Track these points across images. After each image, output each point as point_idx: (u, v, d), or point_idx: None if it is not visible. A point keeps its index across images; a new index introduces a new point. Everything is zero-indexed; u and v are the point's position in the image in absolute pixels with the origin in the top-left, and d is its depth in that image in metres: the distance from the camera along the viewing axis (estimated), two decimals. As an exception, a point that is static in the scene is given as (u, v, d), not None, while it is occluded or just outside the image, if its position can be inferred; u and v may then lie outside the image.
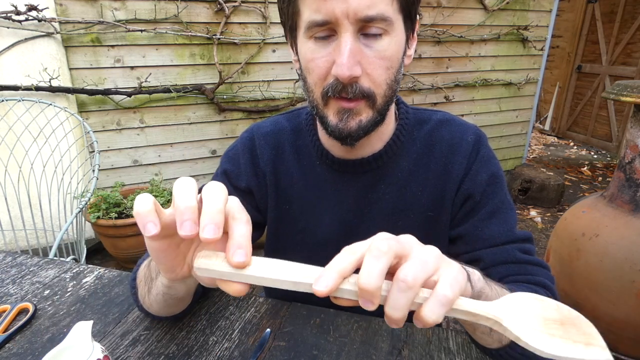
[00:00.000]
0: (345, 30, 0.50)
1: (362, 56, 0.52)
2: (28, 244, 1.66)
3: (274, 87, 2.53)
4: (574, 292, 1.57)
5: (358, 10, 0.48)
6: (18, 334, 0.65)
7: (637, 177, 1.47)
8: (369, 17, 0.49)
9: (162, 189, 2.27)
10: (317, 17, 0.50)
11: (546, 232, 2.75)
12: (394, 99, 0.59)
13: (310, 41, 0.54)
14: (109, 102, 2.20)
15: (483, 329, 0.49)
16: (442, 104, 3.09)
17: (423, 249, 0.33)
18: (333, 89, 0.53)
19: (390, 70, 0.54)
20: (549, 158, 4.47)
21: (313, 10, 0.50)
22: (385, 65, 0.53)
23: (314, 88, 0.57)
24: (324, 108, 0.57)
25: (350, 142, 0.58)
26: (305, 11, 0.52)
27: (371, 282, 0.30)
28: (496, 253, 0.62)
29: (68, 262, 0.88)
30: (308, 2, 0.51)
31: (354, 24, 0.50)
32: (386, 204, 0.68)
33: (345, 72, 0.50)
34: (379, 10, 0.49)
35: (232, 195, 0.70)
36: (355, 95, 0.53)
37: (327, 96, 0.55)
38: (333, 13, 0.49)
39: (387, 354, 0.60)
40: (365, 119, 0.56)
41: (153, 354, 0.60)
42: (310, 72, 0.56)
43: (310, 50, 0.54)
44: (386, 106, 0.57)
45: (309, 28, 0.52)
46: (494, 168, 0.66)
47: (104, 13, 2.06)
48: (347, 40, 0.50)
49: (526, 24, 3.09)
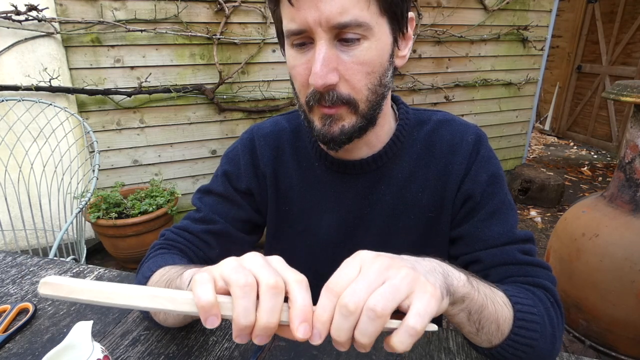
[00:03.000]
0: (319, 38, 0.50)
1: (338, 62, 0.51)
2: (28, 244, 1.66)
3: (274, 87, 2.53)
4: (574, 292, 1.57)
5: (330, 18, 0.48)
6: (18, 334, 0.65)
7: (637, 177, 1.47)
8: (342, 23, 0.48)
9: (162, 189, 2.27)
10: (292, 26, 0.51)
11: (546, 232, 2.76)
12: (381, 102, 0.58)
13: (292, 49, 0.54)
14: (109, 102, 2.20)
15: (468, 329, 0.49)
16: (442, 104, 3.09)
17: (397, 272, 0.34)
18: (313, 97, 0.54)
19: (372, 75, 0.54)
20: (549, 158, 4.47)
21: (289, 19, 0.51)
22: (364, 71, 0.53)
23: (299, 95, 0.57)
24: (309, 113, 0.58)
25: (334, 147, 0.58)
26: (284, 20, 0.52)
27: (340, 336, 0.33)
28: (496, 254, 0.61)
29: (68, 262, 0.88)
30: (285, 12, 0.51)
31: (328, 31, 0.49)
32: (386, 205, 0.68)
33: (318, 81, 0.50)
34: (353, 16, 0.49)
35: (233, 196, 0.70)
36: (334, 102, 0.53)
37: (310, 104, 0.55)
38: (306, 22, 0.49)
39: (387, 354, 0.60)
40: (348, 124, 0.56)
41: (153, 354, 0.60)
42: (295, 80, 0.56)
43: (292, 57, 0.54)
44: (371, 111, 0.57)
45: (288, 36, 0.53)
46: (494, 168, 0.65)
47: (104, 13, 2.06)
48: (320, 49, 0.50)
49: (526, 24, 3.09)
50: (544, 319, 0.53)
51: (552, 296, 0.58)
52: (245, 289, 0.32)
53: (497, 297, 0.49)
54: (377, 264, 0.34)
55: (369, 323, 0.31)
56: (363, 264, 0.35)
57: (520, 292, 0.55)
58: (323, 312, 0.33)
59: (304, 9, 0.48)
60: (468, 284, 0.44)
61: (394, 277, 0.33)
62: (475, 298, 0.45)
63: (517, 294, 0.53)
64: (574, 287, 1.57)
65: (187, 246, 0.68)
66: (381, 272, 0.34)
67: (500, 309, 0.49)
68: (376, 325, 0.31)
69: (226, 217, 0.70)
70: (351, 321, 0.32)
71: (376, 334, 0.32)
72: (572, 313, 1.60)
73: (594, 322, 1.54)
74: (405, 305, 0.33)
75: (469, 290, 0.44)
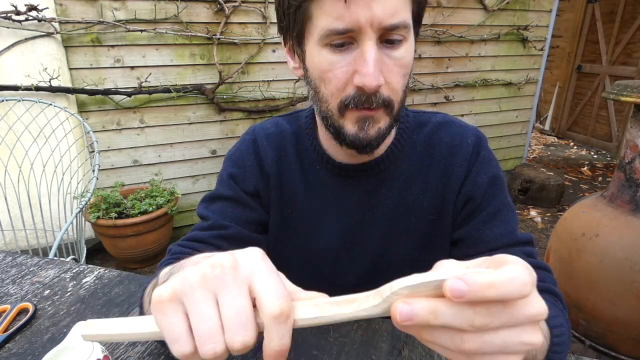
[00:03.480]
0: (368, 38, 0.48)
1: (383, 65, 0.51)
2: (28, 244, 1.66)
3: (274, 87, 2.53)
4: (574, 292, 1.57)
5: (383, 19, 0.47)
6: (18, 334, 0.65)
7: (637, 177, 1.47)
8: (393, 25, 0.48)
9: (162, 189, 2.27)
10: (338, 26, 0.48)
11: (546, 232, 2.75)
12: (405, 104, 0.59)
13: (325, 49, 0.51)
14: (109, 102, 2.20)
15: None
16: (442, 104, 3.09)
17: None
18: (355, 100, 0.52)
19: (406, 77, 0.54)
20: (549, 158, 4.47)
21: (334, 17, 0.48)
22: (402, 73, 0.53)
23: (329, 99, 0.54)
24: (339, 118, 0.55)
25: (370, 151, 0.57)
26: (321, 18, 0.49)
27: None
28: None
29: (68, 262, 0.88)
30: (327, 9, 0.48)
31: (377, 32, 0.48)
32: (387, 208, 0.67)
33: (372, 82, 0.49)
34: (402, 18, 0.49)
35: (242, 197, 0.69)
36: (378, 104, 0.52)
37: (346, 107, 0.53)
38: (357, 21, 0.47)
39: (387, 354, 0.60)
40: (383, 126, 0.55)
41: (153, 354, 0.60)
42: (327, 83, 0.53)
43: (327, 60, 0.51)
44: (400, 112, 0.58)
45: (327, 36, 0.49)
46: (494, 170, 0.65)
47: (104, 13, 2.06)
48: (371, 49, 0.49)
49: (526, 24, 3.09)
50: (568, 331, 0.51)
51: (560, 301, 0.57)
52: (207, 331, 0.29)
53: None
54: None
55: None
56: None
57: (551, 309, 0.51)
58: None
59: (356, 8, 0.47)
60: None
61: None
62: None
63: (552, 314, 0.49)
64: (574, 287, 1.57)
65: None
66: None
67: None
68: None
69: (238, 220, 0.68)
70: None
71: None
72: (572, 313, 1.60)
73: (594, 322, 1.54)
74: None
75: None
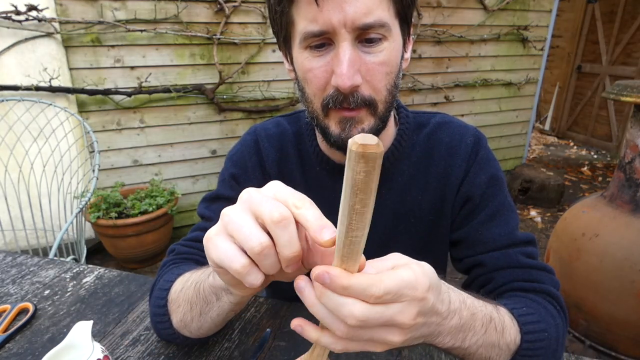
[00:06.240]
0: (343, 39, 0.49)
1: (361, 63, 0.51)
2: (28, 244, 1.66)
3: (274, 87, 2.53)
4: (574, 292, 1.57)
5: (355, 19, 0.47)
6: (18, 334, 0.65)
7: (637, 177, 1.47)
8: (367, 24, 0.48)
9: (162, 189, 2.27)
10: (313, 28, 0.49)
11: (546, 232, 2.76)
12: (394, 104, 0.58)
13: (306, 52, 0.52)
14: (109, 102, 2.20)
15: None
16: (442, 104, 3.09)
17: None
18: (333, 100, 0.52)
19: (390, 76, 0.54)
20: (549, 158, 4.47)
21: (309, 20, 0.49)
22: (385, 71, 0.53)
23: (313, 99, 0.55)
24: (324, 119, 0.56)
25: None
26: (300, 22, 0.50)
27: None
28: (499, 257, 0.61)
29: (68, 262, 0.88)
30: (303, 13, 0.49)
31: (352, 32, 0.49)
32: (387, 209, 0.67)
33: (346, 82, 0.49)
34: (377, 16, 0.49)
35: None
36: (357, 104, 0.52)
37: (328, 107, 0.54)
38: (330, 23, 0.48)
39: (387, 354, 0.60)
40: (367, 127, 0.55)
41: (153, 354, 0.60)
42: (309, 83, 0.54)
43: (307, 60, 0.52)
44: (387, 112, 0.57)
45: (305, 39, 0.51)
46: (493, 170, 0.65)
47: (104, 13, 2.06)
48: (345, 50, 0.49)
49: (526, 24, 3.09)
50: (551, 336, 0.52)
51: (557, 303, 0.57)
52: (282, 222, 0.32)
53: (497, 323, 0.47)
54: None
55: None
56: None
57: (521, 305, 0.54)
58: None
59: (328, 9, 0.47)
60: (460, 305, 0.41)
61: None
62: (464, 316, 0.42)
63: (525, 313, 0.52)
64: (574, 287, 1.57)
65: (202, 256, 0.64)
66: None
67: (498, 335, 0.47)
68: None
69: None
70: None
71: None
72: (572, 313, 1.60)
73: (594, 322, 1.54)
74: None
75: (458, 306, 0.41)
